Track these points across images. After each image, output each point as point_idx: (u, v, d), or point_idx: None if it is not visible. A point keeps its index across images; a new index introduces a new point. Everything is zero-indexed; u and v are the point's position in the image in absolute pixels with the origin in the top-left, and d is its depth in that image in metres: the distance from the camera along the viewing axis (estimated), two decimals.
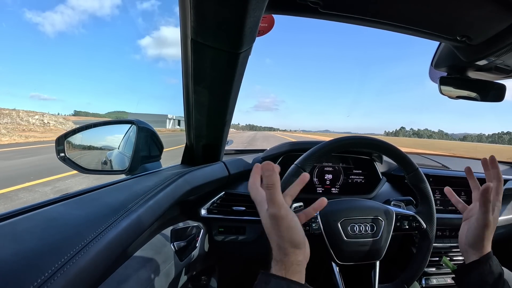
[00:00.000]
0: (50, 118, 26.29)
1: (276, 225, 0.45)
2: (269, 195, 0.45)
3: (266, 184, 0.45)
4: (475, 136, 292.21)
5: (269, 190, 0.45)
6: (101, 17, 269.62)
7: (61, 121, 28.70)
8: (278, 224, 0.45)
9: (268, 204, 0.45)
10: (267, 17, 0.61)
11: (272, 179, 0.45)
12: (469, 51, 0.66)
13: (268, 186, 0.45)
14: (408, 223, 0.72)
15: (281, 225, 0.45)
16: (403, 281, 0.71)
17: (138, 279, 0.50)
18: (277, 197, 0.45)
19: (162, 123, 62.11)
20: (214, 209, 0.88)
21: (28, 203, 0.47)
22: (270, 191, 0.45)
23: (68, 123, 30.46)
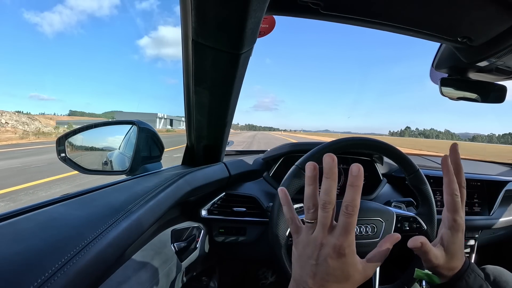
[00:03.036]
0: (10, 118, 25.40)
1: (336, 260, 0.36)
2: (346, 222, 0.35)
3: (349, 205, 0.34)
4: (485, 137, 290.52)
5: (351, 215, 0.34)
6: (99, 17, 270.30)
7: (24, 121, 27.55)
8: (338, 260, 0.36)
9: (338, 233, 0.35)
10: (268, 18, 0.61)
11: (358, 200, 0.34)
12: (470, 52, 0.66)
13: (349, 208, 0.34)
14: (409, 224, 0.72)
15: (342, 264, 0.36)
16: (404, 283, 0.71)
17: (139, 279, 0.50)
18: (354, 226, 0.36)
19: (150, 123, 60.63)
20: (215, 210, 0.88)
21: None
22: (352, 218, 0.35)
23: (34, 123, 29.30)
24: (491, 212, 1.12)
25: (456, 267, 0.46)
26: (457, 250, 0.46)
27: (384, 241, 0.40)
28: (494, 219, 1.11)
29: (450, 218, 0.45)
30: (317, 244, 0.37)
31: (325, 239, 0.36)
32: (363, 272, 0.38)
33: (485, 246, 1.18)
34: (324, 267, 0.36)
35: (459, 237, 0.46)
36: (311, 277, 0.37)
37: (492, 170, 1.32)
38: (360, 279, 0.38)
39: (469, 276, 0.46)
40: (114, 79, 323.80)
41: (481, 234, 1.13)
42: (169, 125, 63.35)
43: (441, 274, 0.47)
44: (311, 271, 0.37)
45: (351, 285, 0.37)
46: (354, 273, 0.37)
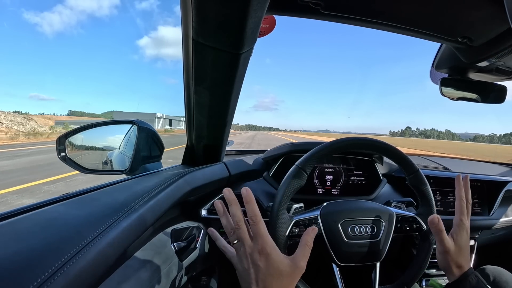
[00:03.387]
0: (5, 118, 25.04)
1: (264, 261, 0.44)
2: (256, 229, 0.44)
3: (251, 216, 0.45)
4: (486, 137, 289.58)
5: (256, 222, 0.44)
6: (99, 17, 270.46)
7: (20, 121, 27.19)
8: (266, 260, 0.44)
9: (255, 239, 0.44)
10: (268, 18, 0.61)
11: (255, 210, 0.45)
12: (470, 53, 0.66)
13: (252, 218, 0.44)
14: (409, 224, 0.72)
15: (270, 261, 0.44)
16: (404, 283, 0.71)
17: (138, 279, 0.50)
18: (264, 229, 0.45)
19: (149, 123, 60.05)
20: (215, 210, 0.88)
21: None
22: (258, 224, 0.44)
23: (29, 123, 29.01)
24: (491, 212, 1.12)
25: (462, 266, 0.58)
26: (463, 246, 0.59)
27: (304, 234, 0.49)
28: (494, 219, 1.11)
29: (458, 218, 0.62)
30: (247, 255, 0.45)
31: (250, 249, 0.45)
32: (293, 265, 0.45)
33: (485, 246, 1.18)
34: (259, 271, 0.44)
35: (464, 235, 0.60)
36: (254, 284, 0.44)
37: (492, 170, 1.32)
38: (293, 271, 0.45)
39: (472, 279, 0.56)
40: (114, 79, 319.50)
41: (481, 234, 1.13)
42: (168, 125, 62.85)
43: (451, 271, 0.58)
44: (252, 278, 0.44)
45: (289, 278, 0.45)
46: (285, 267, 0.45)
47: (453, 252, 0.58)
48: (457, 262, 0.58)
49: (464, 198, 0.62)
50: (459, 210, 0.62)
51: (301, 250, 0.47)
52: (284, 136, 41.56)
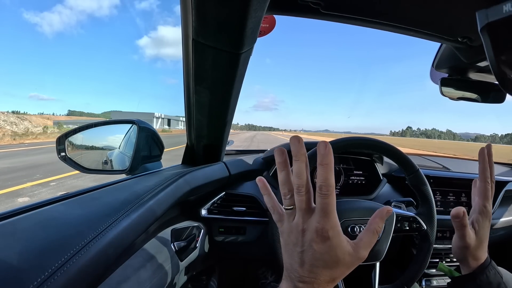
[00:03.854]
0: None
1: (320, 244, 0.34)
2: (323, 204, 0.33)
3: (323, 185, 0.33)
4: (488, 137, 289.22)
5: (327, 195, 0.33)
6: (99, 17, 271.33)
7: (13, 121, 26.64)
8: (323, 244, 0.34)
9: (318, 215, 0.34)
10: (268, 18, 0.61)
11: (331, 178, 0.33)
12: (470, 52, 0.66)
13: (323, 188, 0.33)
14: (409, 224, 0.72)
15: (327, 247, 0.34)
16: (403, 283, 0.71)
17: (138, 278, 0.50)
18: (334, 206, 0.34)
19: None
20: (215, 210, 0.88)
21: None
22: (328, 198, 0.33)
23: (23, 123, 28.67)
24: (491, 212, 1.12)
25: (480, 257, 0.51)
26: (484, 237, 0.51)
27: (373, 218, 0.38)
28: (494, 219, 1.11)
29: (481, 204, 0.51)
30: (299, 230, 0.36)
31: (306, 224, 0.35)
32: (355, 254, 0.36)
33: None
34: (311, 253, 0.35)
35: (487, 224, 0.51)
36: (300, 265, 0.35)
37: None
38: (352, 262, 0.36)
39: (490, 271, 0.50)
40: (114, 79, 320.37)
41: None
42: (166, 125, 62.60)
43: (467, 263, 0.52)
44: (299, 258, 0.35)
45: (344, 268, 0.36)
46: (344, 256, 0.35)
47: (473, 247, 0.51)
48: (475, 255, 0.51)
49: (489, 177, 0.50)
50: (483, 194, 0.51)
51: (367, 236, 0.37)
52: (284, 136, 41.22)
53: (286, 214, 0.38)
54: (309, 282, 0.35)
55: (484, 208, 0.51)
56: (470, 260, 0.52)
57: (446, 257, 1.07)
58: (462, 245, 0.51)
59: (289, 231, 0.37)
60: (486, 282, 0.50)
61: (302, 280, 0.35)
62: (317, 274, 0.35)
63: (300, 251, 0.35)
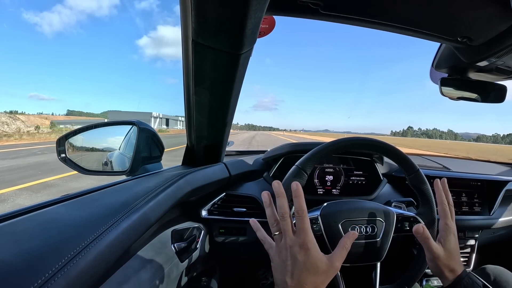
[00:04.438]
0: None
1: (303, 255, 0.45)
2: (300, 223, 0.45)
3: (298, 210, 0.46)
4: (490, 137, 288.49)
5: (302, 216, 0.45)
6: (99, 17, 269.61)
7: (4, 121, 26.18)
8: (305, 255, 0.45)
9: (298, 233, 0.46)
10: (268, 18, 0.61)
11: (303, 205, 0.46)
12: (470, 52, 0.66)
13: (299, 212, 0.46)
14: (409, 224, 0.72)
15: (309, 257, 0.45)
16: (404, 283, 0.71)
17: (139, 280, 0.50)
18: (308, 224, 0.46)
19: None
20: (215, 210, 0.88)
21: None
22: (303, 218, 0.45)
23: (15, 123, 28.27)
24: (491, 212, 1.11)
25: (455, 269, 0.58)
26: (454, 250, 0.59)
27: (343, 238, 0.49)
28: (494, 219, 1.11)
29: (443, 223, 0.61)
30: (287, 247, 0.46)
31: (291, 242, 0.46)
32: (330, 264, 0.46)
33: (486, 246, 1.18)
34: (297, 264, 0.44)
35: (452, 238, 0.60)
36: (289, 277, 0.44)
37: (492, 170, 1.32)
38: (328, 270, 0.46)
39: (467, 282, 0.56)
40: (113, 79, 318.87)
41: (481, 234, 1.13)
42: (164, 124, 62.09)
43: (444, 276, 0.58)
44: (288, 271, 0.45)
45: (323, 276, 0.45)
46: (322, 264, 0.45)
47: (443, 257, 0.58)
48: (449, 266, 0.58)
49: (446, 201, 0.62)
50: (442, 214, 0.61)
51: (339, 251, 0.48)
52: (285, 136, 40.79)
53: (276, 239, 0.48)
54: None
55: (446, 225, 0.60)
56: (446, 273, 0.58)
57: None
58: (432, 257, 0.59)
59: (279, 251, 0.47)
60: None
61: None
62: (303, 283, 0.44)
63: (289, 264, 0.45)
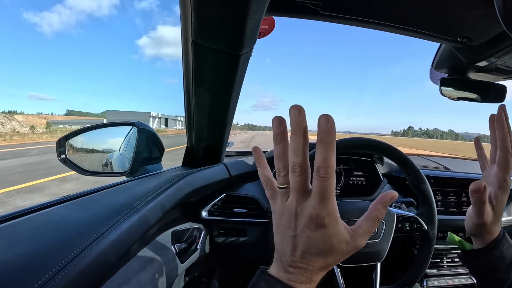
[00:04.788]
0: None
1: (314, 231, 0.31)
2: (321, 187, 0.29)
3: (322, 166, 0.29)
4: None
5: (326, 178, 0.29)
6: (99, 17, 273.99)
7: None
8: (318, 231, 0.31)
9: (314, 200, 0.30)
10: (267, 19, 0.61)
11: (332, 159, 0.29)
12: (470, 52, 0.66)
13: (321, 170, 0.29)
14: (409, 224, 0.72)
15: (322, 235, 0.31)
16: (404, 283, 0.71)
17: (139, 281, 0.50)
18: (332, 190, 0.30)
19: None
20: (215, 211, 0.88)
21: None
22: (328, 181, 0.29)
23: (11, 123, 28.18)
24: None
25: (494, 231, 0.48)
26: (501, 212, 0.48)
27: (375, 203, 0.34)
28: None
29: (501, 177, 0.47)
30: (292, 213, 0.32)
31: (300, 208, 0.31)
32: (352, 243, 0.33)
33: None
34: (304, 239, 0.31)
35: (505, 199, 0.48)
36: (292, 250, 0.32)
37: None
38: (348, 250, 0.33)
39: (504, 245, 0.48)
40: (113, 78, 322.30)
41: None
42: (163, 124, 61.78)
43: (481, 237, 0.49)
44: (291, 243, 0.32)
45: (338, 256, 0.33)
46: (340, 244, 0.32)
47: (489, 223, 0.47)
48: (490, 231, 0.49)
49: (510, 147, 0.45)
50: (503, 165, 0.46)
51: (367, 224, 0.33)
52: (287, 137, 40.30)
53: (280, 193, 0.34)
54: (300, 267, 0.32)
55: (504, 182, 0.47)
56: (484, 235, 0.49)
57: (448, 257, 1.07)
58: (478, 222, 0.48)
59: (282, 212, 0.34)
60: (500, 257, 0.47)
61: (293, 265, 0.33)
62: (310, 260, 0.32)
63: (293, 235, 0.32)
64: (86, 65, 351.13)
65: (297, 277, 0.32)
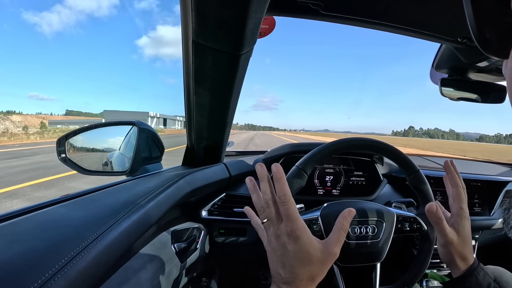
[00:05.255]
0: None
1: (293, 244, 0.40)
2: (285, 210, 0.40)
3: (280, 195, 0.40)
4: (492, 137, 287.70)
5: (284, 202, 0.40)
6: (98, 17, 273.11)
7: None
8: (295, 244, 0.40)
9: (285, 220, 0.40)
10: (268, 19, 0.61)
11: (285, 189, 0.40)
12: (470, 53, 0.66)
13: (281, 197, 0.40)
14: (409, 225, 0.72)
15: (299, 246, 0.40)
16: (404, 283, 0.71)
17: (139, 280, 0.50)
18: (294, 210, 0.40)
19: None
20: (215, 211, 0.88)
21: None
22: (286, 205, 0.40)
23: (4, 123, 28.14)
24: (491, 212, 1.11)
25: (467, 258, 0.54)
26: (467, 237, 0.54)
27: (338, 218, 0.44)
28: (494, 220, 1.11)
29: (457, 206, 0.55)
30: (275, 236, 0.41)
31: (279, 230, 0.41)
32: (326, 250, 0.41)
33: (486, 246, 1.18)
34: (287, 254, 0.40)
35: (466, 224, 0.55)
36: (281, 268, 0.40)
37: (492, 170, 1.32)
38: (325, 258, 0.41)
39: (479, 273, 0.52)
40: (113, 78, 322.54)
41: (481, 235, 1.13)
42: (162, 124, 61.33)
43: (456, 266, 0.54)
44: (280, 262, 0.40)
45: (319, 265, 0.40)
46: (316, 252, 0.40)
47: (456, 243, 0.53)
48: (461, 254, 0.53)
49: (460, 183, 0.56)
50: (457, 198, 0.56)
51: (335, 235, 0.42)
52: (287, 137, 40.15)
53: (265, 226, 0.44)
54: (291, 282, 0.39)
55: (460, 210, 0.55)
56: (458, 261, 0.54)
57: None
58: (444, 242, 0.54)
59: (270, 240, 0.43)
60: (476, 284, 0.52)
61: (284, 281, 0.40)
62: (297, 274, 0.39)
63: (280, 255, 0.41)
64: (85, 65, 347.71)
65: None
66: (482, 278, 0.52)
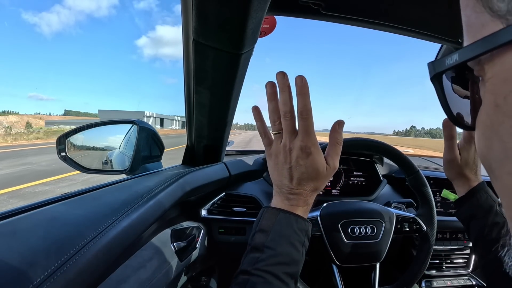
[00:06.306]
0: None
1: (305, 159, 0.41)
2: (304, 125, 0.40)
3: (302, 110, 0.40)
4: None
5: (306, 118, 0.40)
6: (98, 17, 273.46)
7: None
8: (307, 159, 0.41)
9: (301, 135, 0.41)
10: (269, 18, 0.61)
11: (308, 104, 0.40)
12: None
13: (303, 113, 0.40)
14: (409, 225, 0.72)
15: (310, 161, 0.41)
16: (403, 283, 0.71)
17: (138, 279, 0.50)
18: (312, 126, 0.41)
19: None
20: (215, 210, 0.88)
21: None
22: (307, 120, 0.40)
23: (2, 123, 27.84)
24: None
25: (472, 180, 0.58)
26: (469, 159, 0.58)
27: (330, 133, 0.45)
28: None
29: (467, 133, 0.58)
30: (287, 149, 0.42)
31: (292, 144, 0.41)
32: (329, 166, 0.43)
33: None
34: (298, 168, 0.41)
35: (469, 148, 0.59)
36: (290, 180, 0.42)
37: None
38: (329, 172, 0.43)
39: (482, 195, 0.56)
40: (112, 78, 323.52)
41: None
42: (158, 124, 60.59)
43: (461, 185, 0.60)
44: (288, 174, 0.42)
45: (323, 179, 0.43)
46: (323, 168, 0.42)
47: (458, 162, 0.58)
48: (462, 174, 0.59)
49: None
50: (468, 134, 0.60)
51: (332, 149, 0.44)
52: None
53: (275, 138, 0.44)
54: (298, 193, 0.42)
55: (469, 135, 0.58)
56: (463, 182, 0.59)
57: (447, 258, 1.07)
58: (449, 158, 0.59)
59: (278, 152, 0.43)
60: (477, 205, 0.56)
61: (292, 192, 0.42)
62: (304, 185, 0.42)
63: (289, 167, 0.42)
64: (84, 65, 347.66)
65: (297, 201, 0.42)
66: (484, 200, 0.55)
